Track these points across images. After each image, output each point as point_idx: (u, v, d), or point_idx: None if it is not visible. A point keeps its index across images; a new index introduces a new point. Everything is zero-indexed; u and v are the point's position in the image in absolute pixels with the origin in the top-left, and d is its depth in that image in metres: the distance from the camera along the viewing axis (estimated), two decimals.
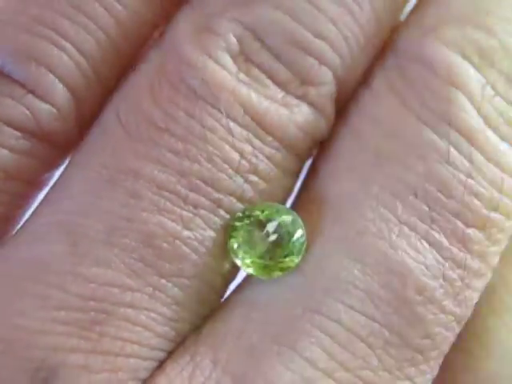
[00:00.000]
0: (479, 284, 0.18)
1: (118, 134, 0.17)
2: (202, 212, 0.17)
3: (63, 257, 0.16)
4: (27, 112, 0.17)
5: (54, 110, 0.17)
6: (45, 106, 0.17)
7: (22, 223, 0.18)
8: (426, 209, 0.17)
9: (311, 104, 0.18)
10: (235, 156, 0.17)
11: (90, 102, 0.18)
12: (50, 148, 0.18)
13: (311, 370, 0.16)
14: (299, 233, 0.17)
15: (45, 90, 0.17)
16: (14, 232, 0.18)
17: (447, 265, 0.17)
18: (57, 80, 0.17)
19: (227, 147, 0.17)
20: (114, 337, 0.16)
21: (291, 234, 0.17)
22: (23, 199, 0.18)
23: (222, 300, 0.18)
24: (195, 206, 0.17)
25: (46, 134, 0.17)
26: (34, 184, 0.18)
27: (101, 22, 0.17)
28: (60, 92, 0.17)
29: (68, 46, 0.17)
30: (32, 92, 0.17)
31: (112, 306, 0.16)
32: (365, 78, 0.18)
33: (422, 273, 0.17)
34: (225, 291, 0.18)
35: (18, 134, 0.17)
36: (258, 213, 0.17)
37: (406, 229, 0.17)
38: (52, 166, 0.18)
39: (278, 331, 0.17)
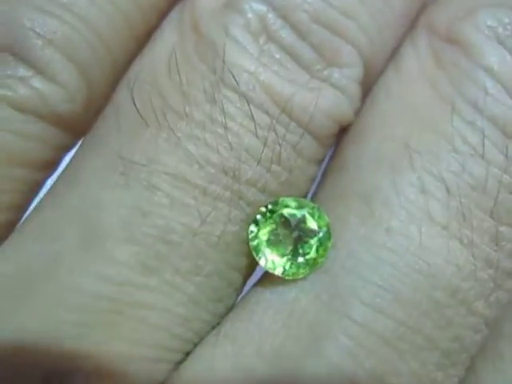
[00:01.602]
0: (510, 284, 0.17)
1: (132, 119, 0.16)
2: (222, 205, 0.16)
3: (74, 253, 0.16)
4: (36, 94, 0.16)
5: (64, 92, 0.16)
6: (54, 87, 0.16)
7: (27, 215, 0.17)
8: (459, 206, 0.16)
9: (337, 87, 0.17)
10: (257, 144, 0.16)
11: (101, 83, 0.17)
12: (59, 131, 0.17)
13: (336, 376, 0.16)
14: (324, 230, 0.16)
15: (53, 70, 0.16)
16: (20, 223, 0.17)
17: (479, 265, 0.16)
18: (66, 59, 0.16)
19: (249, 135, 0.16)
20: (129, 339, 0.16)
21: (316, 231, 0.16)
22: (30, 186, 0.17)
23: (240, 297, 0.17)
24: (214, 199, 0.16)
25: (54, 117, 0.16)
26: (42, 170, 0.17)
27: None
28: (69, 72, 0.16)
29: (78, 24, 0.16)
30: (40, 73, 0.16)
31: (126, 306, 0.16)
32: (393, 60, 0.18)
33: (454, 274, 0.16)
34: (242, 288, 0.17)
35: (26, 117, 0.16)
36: (281, 208, 0.16)
37: (437, 227, 0.16)
38: (61, 150, 0.17)
39: (302, 334, 0.16)
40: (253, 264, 0.17)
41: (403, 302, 0.16)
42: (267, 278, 0.17)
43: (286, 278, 0.16)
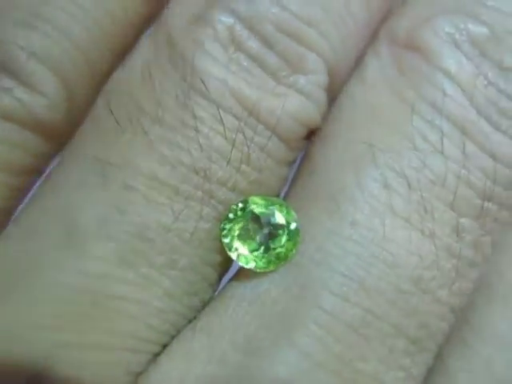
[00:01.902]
0: (473, 274, 0.17)
1: (110, 126, 0.17)
2: (194, 203, 0.17)
3: (56, 250, 0.16)
4: (18, 103, 0.17)
5: (46, 101, 0.17)
6: (36, 97, 0.17)
7: (14, 217, 0.18)
8: (420, 200, 0.17)
9: (302, 92, 0.18)
10: (227, 146, 0.17)
11: (81, 92, 0.18)
12: (42, 139, 0.18)
13: (307, 363, 0.16)
14: (293, 225, 0.17)
15: (36, 80, 0.17)
16: (7, 226, 0.18)
17: (441, 255, 0.17)
18: (47, 70, 0.17)
19: (218, 137, 0.17)
20: (107, 330, 0.16)
21: (285, 227, 0.17)
22: (16, 192, 0.18)
23: (216, 293, 0.18)
24: (187, 198, 0.17)
25: (37, 125, 0.17)
26: (27, 176, 0.18)
27: (90, 10, 0.17)
28: (51, 82, 0.17)
29: (57, 35, 0.17)
30: (23, 83, 0.17)
31: (104, 299, 0.16)
32: (357, 67, 0.18)
33: (417, 264, 0.17)
34: (218, 284, 0.18)
35: (10, 125, 0.17)
36: (251, 205, 0.17)
37: (400, 220, 0.17)
38: (44, 157, 0.18)
39: (274, 324, 0.17)
40: (227, 260, 0.17)
41: (369, 291, 0.16)
42: (241, 272, 0.18)
43: (258, 271, 0.17)
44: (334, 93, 0.18)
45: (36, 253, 0.16)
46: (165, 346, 0.17)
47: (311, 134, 0.18)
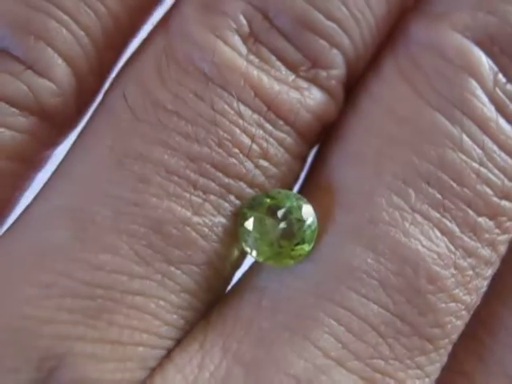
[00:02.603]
0: (489, 272, 0.18)
1: (125, 116, 0.17)
2: (212, 197, 0.17)
3: (69, 243, 0.16)
4: (26, 88, 0.16)
5: (54, 86, 0.17)
6: (44, 82, 0.17)
7: (25, 208, 0.17)
8: (439, 197, 0.17)
9: (322, 87, 0.17)
10: (246, 140, 0.17)
11: (90, 78, 0.17)
12: (48, 126, 0.17)
13: (323, 359, 0.16)
14: (310, 220, 0.17)
15: (44, 65, 0.16)
16: (11, 216, 0.17)
17: (459, 253, 0.17)
18: (56, 55, 0.17)
19: (238, 131, 0.17)
20: (123, 325, 0.16)
21: (302, 222, 0.17)
22: (20, 180, 0.17)
23: (229, 287, 0.18)
24: (205, 192, 0.16)
25: (45, 111, 0.17)
26: (32, 164, 0.17)
27: None
28: (60, 67, 0.17)
29: (67, 19, 0.17)
30: (31, 68, 0.16)
31: (120, 294, 0.16)
32: (374, 63, 0.18)
33: (434, 262, 0.17)
34: (232, 278, 0.18)
35: (16, 111, 0.16)
36: (268, 200, 0.17)
37: (418, 217, 0.17)
38: (50, 145, 0.18)
39: (290, 319, 0.16)
40: (242, 254, 0.17)
41: (387, 289, 0.16)
42: (255, 266, 0.18)
43: (274, 266, 0.17)
44: (349, 87, 0.18)
45: (47, 244, 0.16)
46: (179, 342, 0.17)
47: (326, 129, 0.18)
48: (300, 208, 0.17)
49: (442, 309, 0.17)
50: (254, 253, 0.17)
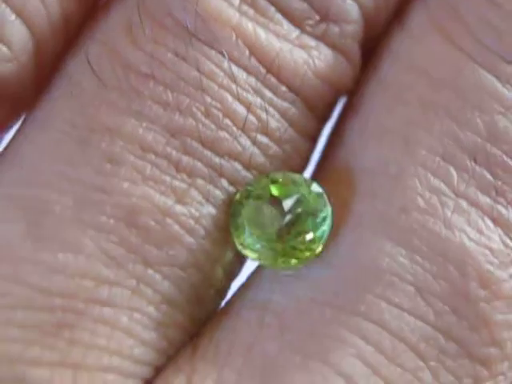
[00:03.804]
0: None
1: (90, 85, 0.15)
2: (199, 182, 0.15)
3: (20, 240, 0.15)
4: None
5: (6, 50, 0.15)
6: None
7: None
8: (489, 177, 0.15)
9: (333, 46, 0.16)
10: (240, 109, 0.15)
11: (51, 44, 0.16)
12: (3, 99, 0.16)
13: None
14: (324, 212, 0.15)
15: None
16: None
17: None
18: (8, 9, 0.15)
19: (230, 98, 0.15)
20: (87, 345, 0.14)
21: (313, 214, 0.15)
22: None
23: (224, 303, 0.16)
24: (190, 174, 0.15)
25: None
26: None
27: None
28: (12, 25, 0.15)
29: None
30: None
31: (84, 304, 0.14)
32: (399, 16, 0.17)
33: (487, 259, 0.15)
34: (227, 291, 0.16)
35: None
36: (270, 184, 0.15)
37: (464, 203, 0.15)
38: (8, 121, 0.16)
39: (302, 339, 0.15)
40: (238, 257, 0.16)
41: (426, 296, 0.15)
42: (255, 274, 0.16)
43: (278, 271, 0.15)
44: (368, 47, 0.17)
45: None
46: (159, 369, 0.15)
47: (339, 100, 0.17)
48: (311, 196, 0.15)
49: (498, 321, 0.15)
50: (251, 253, 0.15)
